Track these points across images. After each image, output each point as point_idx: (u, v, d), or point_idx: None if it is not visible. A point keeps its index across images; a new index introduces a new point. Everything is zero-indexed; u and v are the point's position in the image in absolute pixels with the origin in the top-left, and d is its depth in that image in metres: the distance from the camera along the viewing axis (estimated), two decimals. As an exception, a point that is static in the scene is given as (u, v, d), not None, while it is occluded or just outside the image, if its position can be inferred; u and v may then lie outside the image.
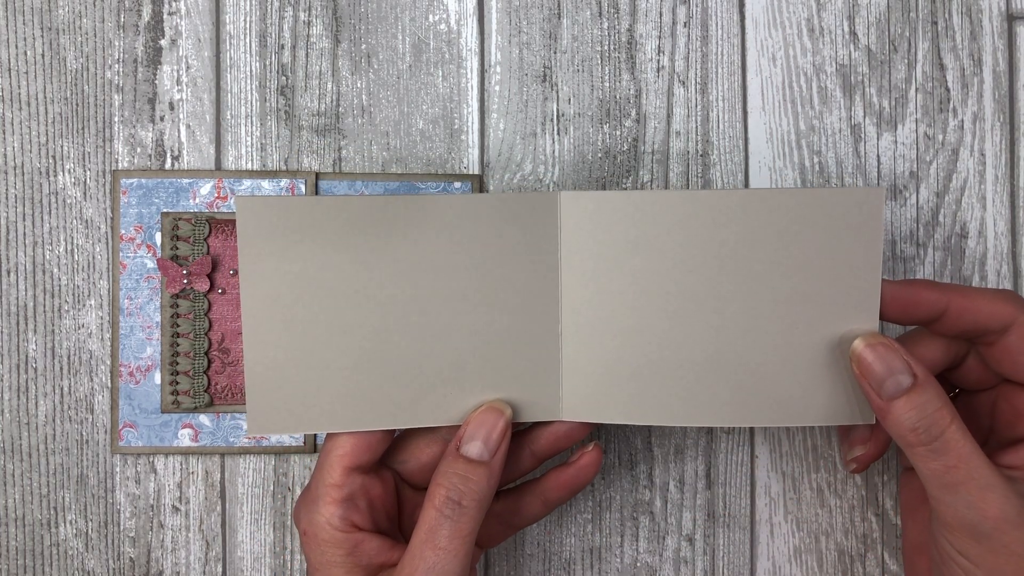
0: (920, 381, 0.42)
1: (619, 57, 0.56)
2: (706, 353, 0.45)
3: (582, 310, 0.45)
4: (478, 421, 0.44)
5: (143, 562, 0.54)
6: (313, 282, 0.44)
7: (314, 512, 0.44)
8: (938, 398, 0.42)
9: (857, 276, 0.44)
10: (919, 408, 0.41)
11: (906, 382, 0.42)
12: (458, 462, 0.43)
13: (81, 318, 0.54)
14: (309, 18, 0.55)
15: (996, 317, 0.44)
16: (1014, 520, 0.40)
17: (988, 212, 0.56)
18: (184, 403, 0.53)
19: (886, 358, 0.42)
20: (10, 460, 0.54)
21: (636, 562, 0.55)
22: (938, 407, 0.41)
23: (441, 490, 0.43)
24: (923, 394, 0.42)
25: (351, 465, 0.44)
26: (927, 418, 0.41)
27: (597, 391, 0.45)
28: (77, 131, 0.54)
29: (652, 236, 0.44)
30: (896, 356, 0.42)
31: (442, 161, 0.55)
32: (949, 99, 0.56)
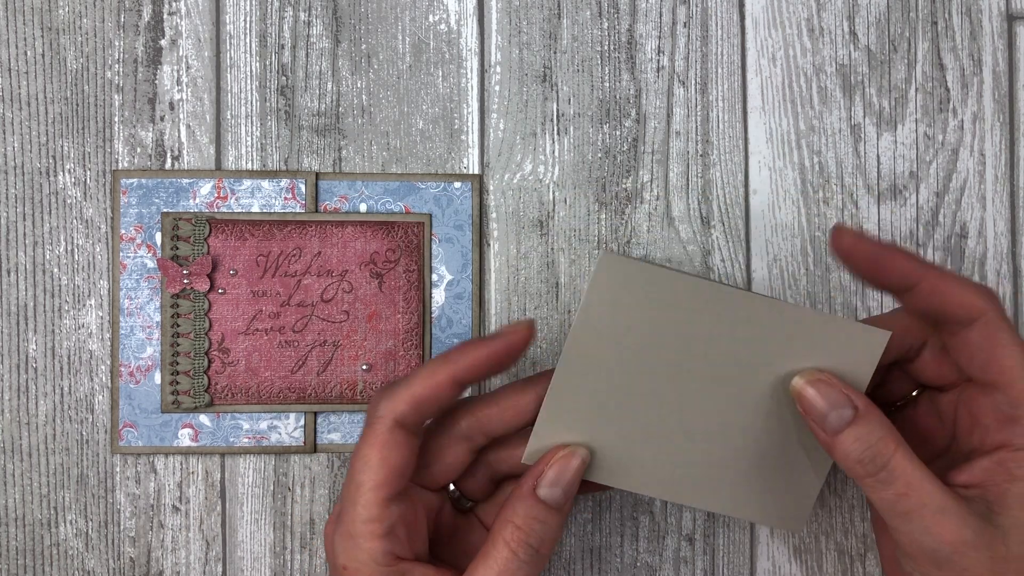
0: (861, 412, 0.42)
1: (619, 57, 0.56)
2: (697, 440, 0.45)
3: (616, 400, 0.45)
4: (561, 467, 0.44)
5: (143, 562, 0.54)
6: (635, 344, 0.43)
7: (354, 548, 0.42)
8: (880, 427, 0.41)
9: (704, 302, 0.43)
10: (862, 439, 0.41)
11: (848, 415, 0.42)
12: (537, 506, 0.43)
13: (81, 318, 0.54)
14: (309, 18, 0.55)
15: (965, 307, 0.43)
16: (972, 542, 0.40)
17: (988, 212, 0.56)
18: (184, 403, 0.53)
19: (826, 393, 0.42)
20: (10, 460, 0.54)
21: (636, 562, 0.55)
22: (881, 436, 0.41)
23: (520, 533, 0.42)
24: (865, 425, 0.41)
25: (388, 496, 0.42)
26: (871, 448, 0.41)
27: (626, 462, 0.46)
28: (77, 131, 0.54)
29: (667, 324, 0.43)
30: (835, 390, 0.42)
31: (442, 161, 0.55)
32: (949, 99, 0.56)
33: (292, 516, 0.54)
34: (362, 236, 0.54)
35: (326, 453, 0.54)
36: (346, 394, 0.54)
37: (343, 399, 0.54)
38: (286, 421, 0.54)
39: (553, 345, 0.55)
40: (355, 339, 0.54)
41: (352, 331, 0.54)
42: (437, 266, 0.54)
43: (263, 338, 0.53)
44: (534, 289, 0.55)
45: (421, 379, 0.43)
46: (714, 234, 0.55)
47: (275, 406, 0.53)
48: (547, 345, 0.55)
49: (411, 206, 0.54)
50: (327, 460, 0.54)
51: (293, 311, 0.53)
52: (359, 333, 0.54)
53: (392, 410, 0.42)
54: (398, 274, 0.54)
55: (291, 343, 0.53)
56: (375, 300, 0.54)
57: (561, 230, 0.55)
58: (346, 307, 0.54)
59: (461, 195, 0.54)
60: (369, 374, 0.54)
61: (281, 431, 0.54)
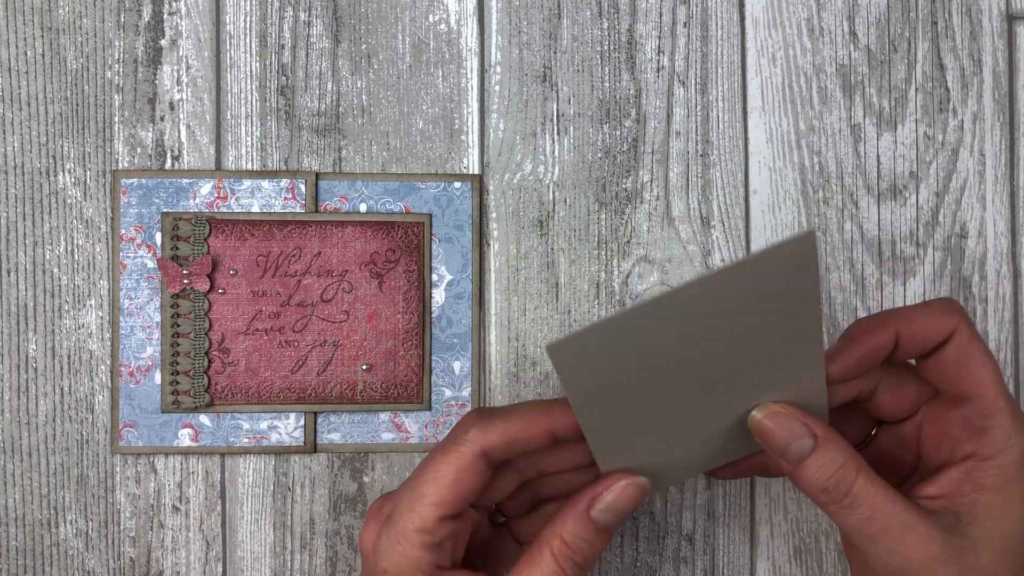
0: (821, 441, 0.41)
1: (619, 57, 0.56)
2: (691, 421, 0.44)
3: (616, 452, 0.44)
4: (619, 492, 0.43)
5: (143, 562, 0.54)
6: (630, 384, 0.42)
7: (401, 554, 0.42)
8: (842, 453, 0.41)
9: (801, 338, 0.41)
10: (824, 467, 0.41)
11: (808, 445, 0.41)
12: (589, 526, 0.43)
13: (81, 318, 0.54)
14: (309, 18, 0.55)
15: (940, 331, 0.43)
16: (939, 556, 0.40)
17: (988, 212, 0.56)
18: (184, 403, 0.53)
19: (785, 424, 0.42)
20: (10, 460, 0.54)
21: (636, 562, 0.55)
22: (842, 462, 0.41)
23: (567, 550, 0.42)
24: (825, 453, 0.41)
25: (447, 514, 0.42)
26: (834, 476, 0.41)
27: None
28: (77, 131, 0.54)
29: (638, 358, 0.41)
30: (794, 420, 0.42)
31: (442, 161, 0.55)
32: (949, 99, 0.56)
33: (292, 516, 0.54)
34: (362, 236, 0.54)
35: (326, 453, 0.54)
36: (346, 394, 0.54)
37: (343, 399, 0.54)
38: (286, 421, 0.54)
39: (553, 345, 0.55)
40: (355, 339, 0.54)
41: (352, 331, 0.54)
42: (437, 266, 0.54)
43: (263, 338, 0.53)
44: (534, 289, 0.55)
45: (521, 421, 0.43)
46: (714, 234, 0.55)
47: (275, 406, 0.53)
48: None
49: (411, 206, 0.54)
50: (327, 460, 0.54)
51: (293, 311, 0.53)
52: (359, 333, 0.54)
53: (484, 440, 0.42)
54: (398, 274, 0.54)
55: (291, 343, 0.53)
56: (375, 300, 0.54)
57: (561, 230, 0.55)
58: (346, 307, 0.54)
59: (461, 195, 0.54)
60: (369, 374, 0.54)
61: (281, 431, 0.54)
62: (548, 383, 0.55)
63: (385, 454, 0.54)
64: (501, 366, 0.55)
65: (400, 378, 0.54)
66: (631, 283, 0.55)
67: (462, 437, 0.42)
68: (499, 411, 0.43)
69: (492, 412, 0.43)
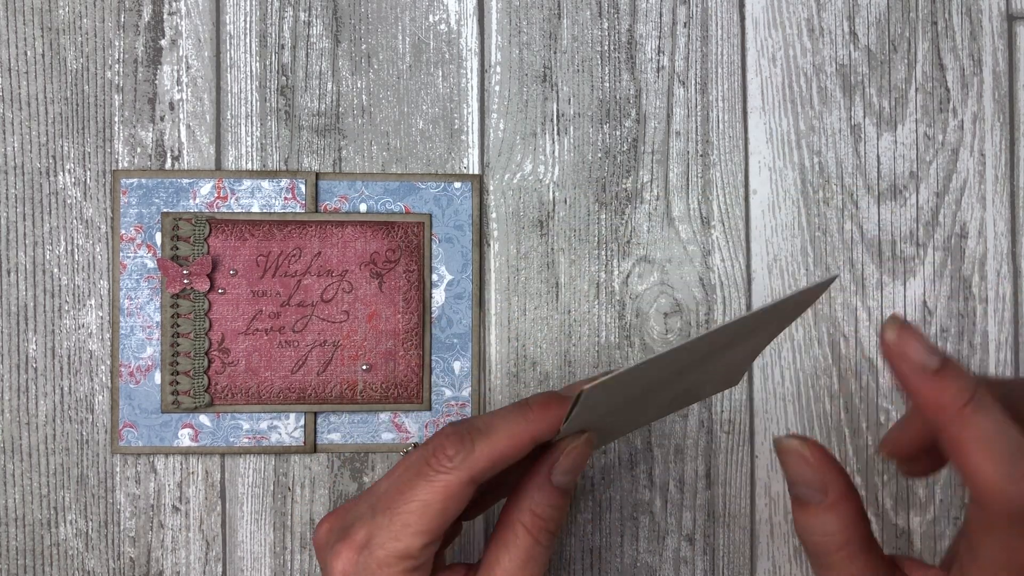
0: (831, 502, 0.39)
1: (619, 57, 0.56)
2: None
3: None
4: (575, 454, 0.43)
5: (143, 562, 0.54)
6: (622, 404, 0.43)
7: (371, 567, 0.41)
8: (838, 522, 0.39)
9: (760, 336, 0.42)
10: (818, 530, 0.39)
11: (816, 498, 0.39)
12: (554, 493, 0.43)
13: (81, 318, 0.54)
14: (309, 18, 0.55)
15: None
16: None
17: (988, 212, 0.56)
18: (184, 403, 0.53)
19: (800, 470, 0.40)
20: (10, 460, 0.54)
21: (636, 562, 0.55)
22: (834, 532, 0.39)
23: (540, 521, 0.42)
24: (826, 516, 0.39)
25: (432, 541, 0.41)
26: (822, 541, 0.39)
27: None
28: (77, 131, 0.54)
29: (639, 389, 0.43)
30: (811, 470, 0.40)
31: (442, 161, 0.55)
32: (949, 99, 0.56)
33: (292, 516, 0.54)
34: (362, 236, 0.54)
35: (326, 453, 0.54)
36: (346, 394, 0.54)
37: (343, 399, 0.54)
38: (286, 421, 0.54)
39: (553, 345, 0.55)
40: (355, 339, 0.54)
41: (352, 331, 0.54)
42: (437, 266, 0.54)
43: (263, 338, 0.53)
44: (534, 289, 0.55)
45: (503, 437, 0.42)
46: (714, 234, 0.55)
47: (275, 406, 0.53)
48: (547, 345, 0.55)
49: (411, 206, 0.54)
50: (327, 460, 0.54)
51: (293, 311, 0.53)
52: (359, 333, 0.54)
53: (471, 466, 0.41)
54: (398, 274, 0.54)
55: (291, 343, 0.53)
56: (375, 300, 0.54)
57: (561, 230, 0.55)
58: (346, 307, 0.54)
59: (461, 195, 0.54)
60: (369, 374, 0.54)
61: (281, 431, 0.54)
62: (548, 383, 0.55)
63: (385, 454, 0.54)
64: (501, 366, 0.55)
65: (400, 378, 0.54)
66: (631, 283, 0.55)
67: (445, 464, 0.41)
68: (477, 429, 0.42)
69: (471, 431, 0.42)
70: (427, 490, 0.41)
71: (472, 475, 0.41)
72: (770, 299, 0.51)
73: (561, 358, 0.55)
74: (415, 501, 0.41)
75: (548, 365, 0.55)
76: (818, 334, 0.56)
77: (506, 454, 0.42)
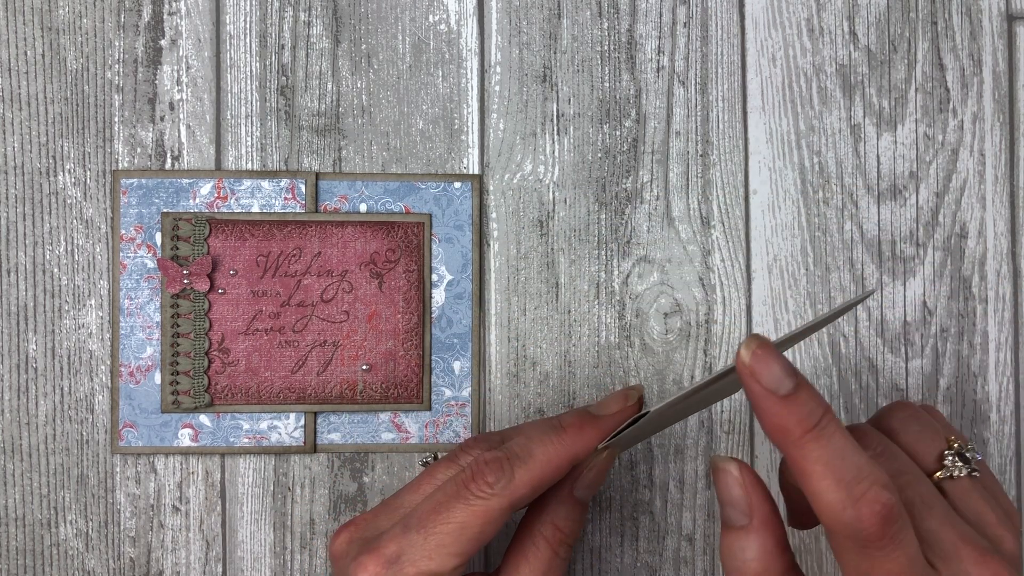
0: (754, 526, 0.40)
1: (619, 57, 0.56)
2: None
3: None
4: (598, 468, 0.45)
5: (143, 562, 0.54)
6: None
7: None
8: (755, 548, 0.40)
9: None
10: (739, 554, 0.40)
11: (741, 521, 0.40)
12: (576, 507, 0.44)
13: (81, 318, 0.54)
14: (309, 18, 0.55)
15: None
16: None
17: (988, 212, 0.56)
18: (184, 403, 0.53)
19: (727, 486, 0.41)
20: (10, 460, 0.54)
21: (636, 562, 0.55)
22: (750, 558, 0.40)
23: (560, 534, 0.43)
24: (749, 540, 0.40)
25: (462, 564, 0.42)
26: (739, 568, 0.40)
27: None
28: (77, 131, 0.54)
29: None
30: (736, 489, 0.40)
31: (442, 161, 0.55)
32: (949, 99, 0.56)
33: (292, 516, 0.54)
34: (362, 236, 0.54)
35: (326, 453, 0.54)
36: (346, 394, 0.54)
37: (343, 399, 0.54)
38: (286, 421, 0.54)
39: (553, 345, 0.55)
40: (355, 339, 0.54)
41: (352, 331, 0.54)
42: (437, 266, 0.54)
43: (263, 338, 0.53)
44: (534, 289, 0.55)
45: (542, 462, 0.43)
46: (714, 234, 0.55)
47: (275, 406, 0.53)
48: (547, 345, 0.55)
49: (411, 206, 0.54)
50: (327, 460, 0.54)
51: (293, 311, 0.53)
52: (359, 333, 0.54)
53: (512, 494, 0.41)
54: (398, 274, 0.54)
55: (291, 343, 0.54)
56: (375, 300, 0.54)
57: (561, 230, 0.55)
58: (346, 307, 0.54)
59: (461, 195, 0.54)
60: (369, 374, 0.54)
61: (281, 431, 0.54)
62: (548, 383, 0.55)
63: (385, 454, 0.54)
64: (501, 366, 0.55)
65: (400, 378, 0.54)
66: (631, 283, 0.55)
67: (485, 491, 0.41)
68: (516, 456, 0.43)
69: (511, 459, 0.43)
70: (466, 513, 0.41)
71: (512, 502, 0.42)
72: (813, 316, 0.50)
73: (561, 358, 0.55)
74: (452, 523, 0.41)
75: (548, 365, 0.55)
76: (818, 334, 0.56)
77: (545, 479, 0.43)
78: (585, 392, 0.55)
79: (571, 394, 0.55)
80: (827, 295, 0.55)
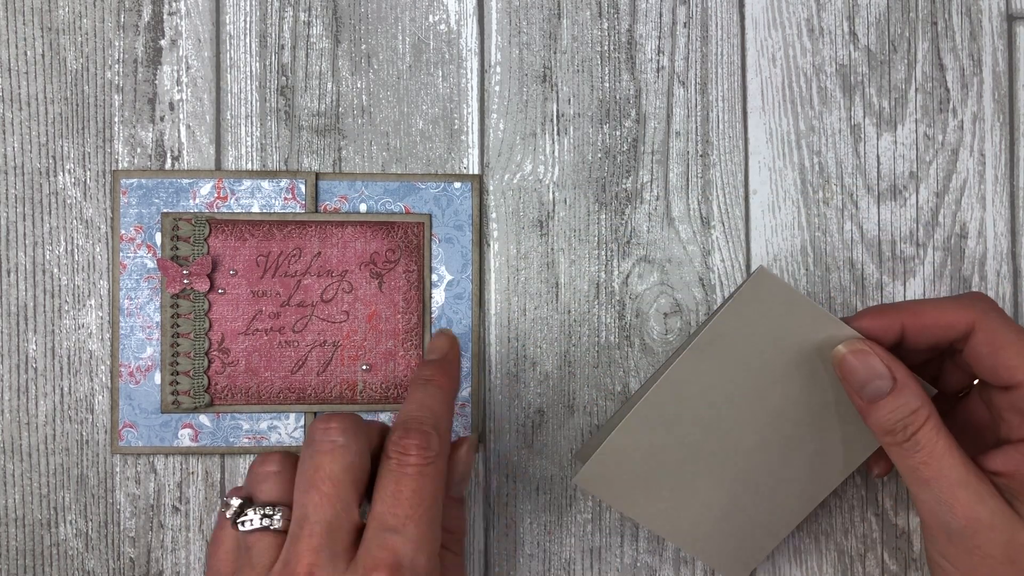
0: (899, 385, 0.43)
1: (619, 57, 0.56)
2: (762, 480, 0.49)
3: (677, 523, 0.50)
4: (466, 461, 0.48)
5: (143, 562, 0.54)
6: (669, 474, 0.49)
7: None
8: (916, 399, 0.43)
9: (822, 332, 0.46)
10: (896, 411, 0.43)
11: (886, 387, 0.43)
12: (455, 505, 0.49)
13: (81, 318, 0.54)
14: (309, 18, 0.55)
15: (954, 327, 0.45)
16: (987, 521, 0.41)
17: (988, 212, 0.56)
18: (184, 403, 0.53)
19: (867, 363, 0.44)
20: (10, 460, 0.54)
21: (636, 562, 0.55)
22: (915, 408, 0.43)
23: (451, 535, 0.47)
24: (900, 397, 0.43)
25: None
26: (903, 420, 0.43)
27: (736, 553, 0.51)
28: (77, 131, 0.54)
29: (663, 438, 0.48)
30: (876, 361, 0.44)
31: (442, 161, 0.55)
32: (949, 99, 0.56)
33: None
34: (362, 236, 0.54)
35: (326, 453, 0.54)
36: (346, 394, 0.54)
37: (343, 399, 0.54)
38: (286, 421, 0.54)
39: (553, 345, 0.55)
40: (355, 339, 0.54)
41: (352, 331, 0.54)
42: (437, 266, 0.54)
43: (263, 338, 0.53)
44: (534, 289, 0.55)
45: (445, 413, 0.45)
46: (714, 234, 0.55)
47: (275, 406, 0.53)
48: (547, 345, 0.55)
49: (411, 206, 0.54)
50: (327, 460, 0.54)
51: (293, 311, 0.53)
52: (359, 333, 0.54)
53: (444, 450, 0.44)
54: (398, 274, 0.54)
55: (291, 343, 0.54)
56: (375, 300, 0.54)
57: (561, 230, 0.55)
58: (346, 307, 0.54)
59: (461, 195, 0.54)
60: (369, 374, 0.54)
61: (281, 431, 0.54)
62: (548, 383, 0.55)
63: (385, 454, 0.54)
64: (501, 366, 0.55)
65: (400, 378, 0.54)
66: (631, 283, 0.55)
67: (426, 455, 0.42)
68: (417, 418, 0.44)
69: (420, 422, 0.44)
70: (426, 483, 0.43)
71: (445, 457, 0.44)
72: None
73: (561, 358, 0.55)
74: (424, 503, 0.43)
75: (548, 365, 0.55)
76: (818, 334, 0.56)
77: (450, 426, 0.46)
78: (585, 392, 0.55)
79: (571, 394, 0.55)
80: (827, 295, 0.55)
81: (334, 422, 0.42)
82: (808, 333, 0.46)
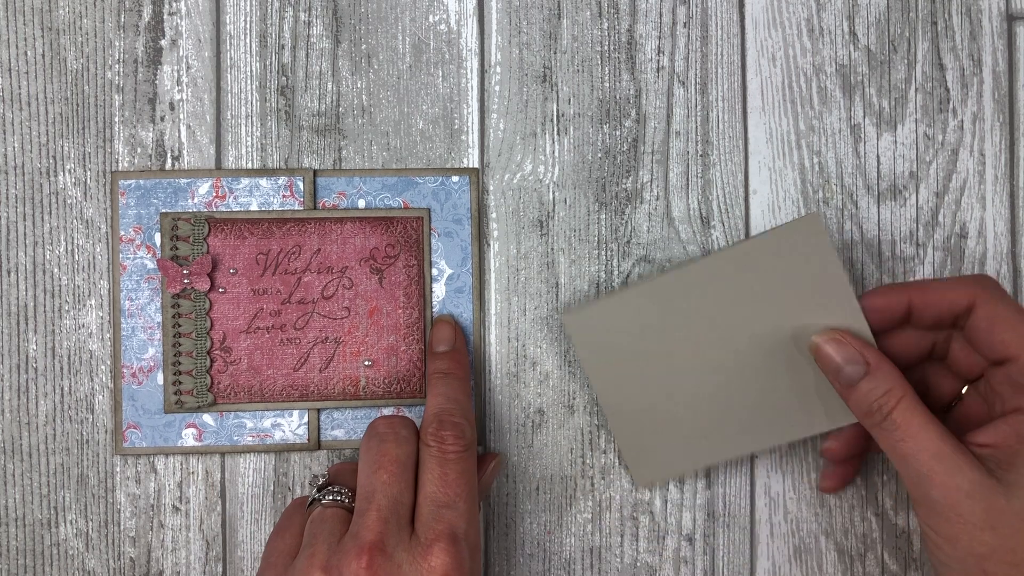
0: (872, 368, 0.47)
1: (619, 57, 0.56)
2: (719, 403, 0.52)
3: (621, 404, 0.53)
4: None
5: (143, 562, 0.54)
6: (639, 358, 0.52)
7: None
8: (888, 380, 0.46)
9: (832, 294, 0.49)
10: (870, 392, 0.46)
11: (860, 370, 0.47)
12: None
13: (81, 318, 0.54)
14: (309, 18, 0.55)
15: (957, 303, 0.47)
16: (966, 489, 0.43)
17: (988, 212, 0.56)
18: (188, 403, 0.53)
19: (841, 351, 0.48)
20: (10, 460, 0.54)
21: (636, 562, 0.55)
22: (887, 388, 0.45)
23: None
24: (873, 380, 0.46)
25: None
26: (878, 400, 0.45)
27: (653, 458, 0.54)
28: (77, 131, 0.54)
29: (652, 324, 0.51)
30: (848, 347, 0.48)
31: (442, 161, 0.55)
32: (949, 99, 0.56)
33: (292, 516, 0.54)
34: (361, 232, 0.54)
35: (330, 450, 0.54)
36: (349, 390, 0.54)
37: (346, 395, 0.54)
38: (289, 419, 0.54)
39: (553, 345, 0.55)
40: (357, 335, 0.54)
41: (353, 327, 0.54)
42: (437, 260, 0.54)
43: (265, 336, 0.53)
44: (534, 289, 0.55)
45: (467, 403, 0.51)
46: (714, 234, 0.56)
47: (278, 404, 0.53)
48: (547, 345, 0.55)
49: (409, 201, 0.54)
50: (328, 458, 0.54)
51: (294, 308, 0.53)
52: (360, 329, 0.54)
53: (474, 438, 0.50)
54: (398, 269, 0.54)
55: (293, 341, 0.53)
56: (376, 296, 0.54)
57: (561, 230, 0.55)
58: (347, 303, 0.54)
59: (459, 189, 0.54)
60: (371, 370, 0.54)
61: (284, 429, 0.54)
62: (548, 383, 0.55)
63: (385, 454, 0.54)
64: (501, 366, 0.55)
65: (402, 373, 0.54)
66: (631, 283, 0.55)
67: (461, 444, 0.48)
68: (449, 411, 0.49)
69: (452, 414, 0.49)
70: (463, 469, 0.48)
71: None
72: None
73: (561, 358, 0.55)
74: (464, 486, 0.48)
75: (548, 365, 0.55)
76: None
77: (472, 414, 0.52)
78: (585, 392, 0.55)
79: (571, 394, 0.55)
80: (827, 294, 0.55)
81: (396, 418, 0.49)
82: (821, 293, 0.49)
